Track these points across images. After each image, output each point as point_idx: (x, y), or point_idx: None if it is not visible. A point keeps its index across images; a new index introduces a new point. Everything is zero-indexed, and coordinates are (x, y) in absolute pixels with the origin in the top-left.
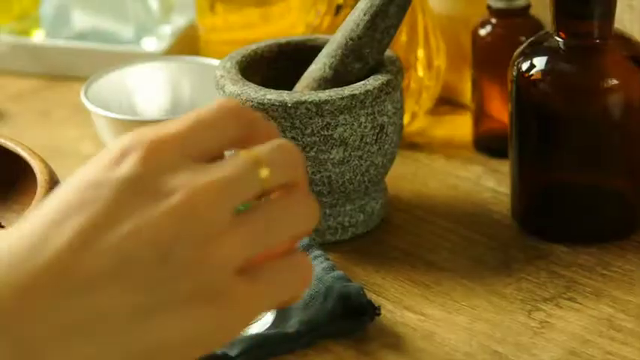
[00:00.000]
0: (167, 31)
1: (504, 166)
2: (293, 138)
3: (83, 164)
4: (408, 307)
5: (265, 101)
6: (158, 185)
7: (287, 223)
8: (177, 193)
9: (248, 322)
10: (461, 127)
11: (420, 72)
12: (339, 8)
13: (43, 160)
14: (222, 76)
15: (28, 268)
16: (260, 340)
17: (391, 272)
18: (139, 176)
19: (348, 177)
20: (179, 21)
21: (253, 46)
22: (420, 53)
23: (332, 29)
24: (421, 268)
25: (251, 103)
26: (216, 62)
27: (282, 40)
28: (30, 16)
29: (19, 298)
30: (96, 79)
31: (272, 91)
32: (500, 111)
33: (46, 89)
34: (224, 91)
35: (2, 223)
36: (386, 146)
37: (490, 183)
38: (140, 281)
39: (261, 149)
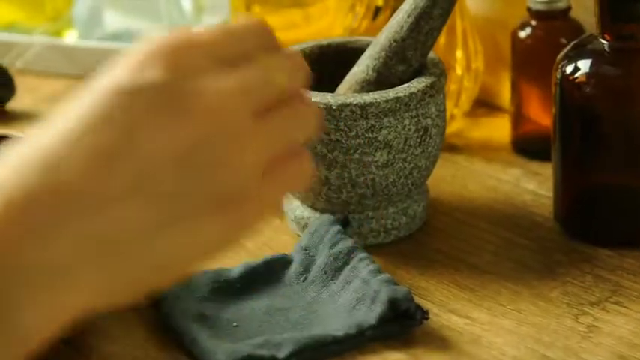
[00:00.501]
0: None
1: (544, 169)
2: (337, 140)
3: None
4: (453, 310)
5: None
6: (185, 90)
7: (299, 126)
8: (202, 97)
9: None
10: (498, 129)
11: (459, 74)
12: (377, 11)
13: None
14: None
15: (38, 185)
16: (308, 342)
17: (435, 275)
18: (167, 83)
19: (391, 180)
20: (210, 21)
21: (295, 48)
22: (459, 55)
23: (370, 32)
24: (465, 271)
25: None
26: None
27: (324, 41)
28: (63, 18)
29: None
30: None
31: (316, 92)
32: (540, 113)
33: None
34: None
35: None
36: (429, 149)
37: (530, 185)
38: (162, 193)
39: (278, 56)
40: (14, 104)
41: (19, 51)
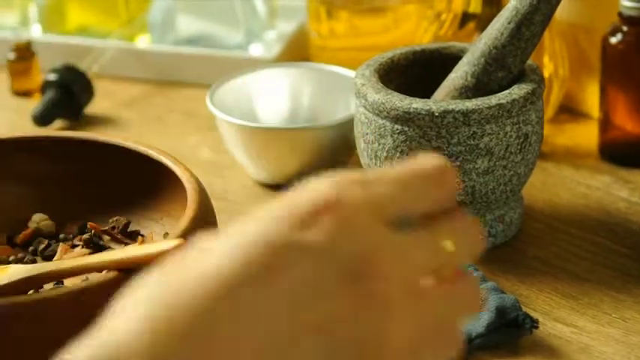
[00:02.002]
0: (272, 36)
1: (634, 176)
2: (438, 147)
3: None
4: (557, 318)
5: (411, 110)
6: (351, 255)
7: (460, 308)
8: (373, 281)
9: None
10: (583, 135)
11: (547, 79)
12: (465, 18)
13: (187, 169)
14: (363, 85)
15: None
16: None
17: (535, 283)
18: (335, 246)
19: (491, 187)
20: (283, 26)
21: (389, 54)
22: (546, 60)
23: (456, 39)
24: (565, 279)
25: (396, 112)
26: (336, 69)
27: (417, 47)
28: (136, 22)
29: None
30: (219, 85)
31: (417, 99)
32: (629, 120)
33: (156, 95)
34: (366, 100)
35: (141, 232)
36: (529, 156)
37: (623, 193)
38: None
39: (456, 221)
40: (92, 108)
41: (95, 55)
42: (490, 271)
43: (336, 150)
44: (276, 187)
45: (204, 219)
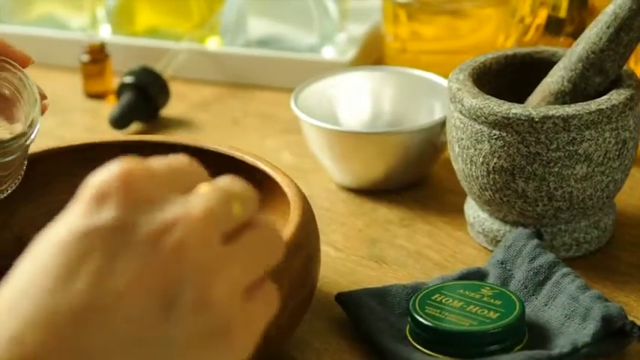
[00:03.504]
0: (343, 38)
1: None
2: (537, 153)
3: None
4: None
5: (510, 115)
6: (145, 227)
7: (267, 249)
8: (165, 234)
9: (256, 340)
10: None
11: None
12: (550, 22)
13: (286, 174)
14: (459, 89)
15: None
16: None
17: (634, 290)
18: (124, 221)
19: (589, 193)
20: (352, 29)
21: (481, 58)
22: (632, 64)
23: (542, 43)
24: None
25: (494, 117)
26: (419, 72)
27: (509, 51)
28: (208, 24)
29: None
30: (302, 88)
31: (516, 104)
32: None
33: (230, 97)
34: (462, 104)
35: None
36: (626, 162)
37: None
38: (144, 339)
39: (230, 185)
40: (167, 111)
41: (169, 57)
42: (587, 279)
43: (422, 154)
44: (361, 191)
45: (309, 223)
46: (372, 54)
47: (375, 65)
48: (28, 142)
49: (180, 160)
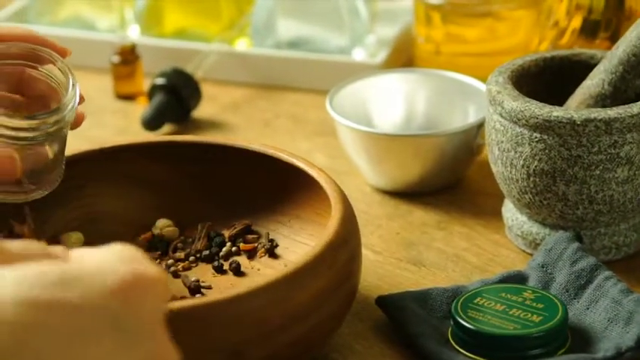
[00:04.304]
0: (372, 40)
1: None
2: (578, 156)
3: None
4: None
5: (552, 118)
6: None
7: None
8: None
9: None
10: None
11: None
12: (586, 25)
13: (323, 171)
14: (498, 92)
15: None
16: None
17: None
18: None
19: (629, 196)
20: (381, 30)
21: (519, 60)
22: None
23: (577, 46)
24: None
25: (535, 120)
26: (453, 75)
27: (548, 54)
28: (237, 25)
29: None
30: (337, 90)
31: (557, 107)
32: None
33: (260, 99)
34: (502, 107)
35: (270, 236)
36: None
37: None
38: None
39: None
40: (197, 112)
41: (200, 58)
42: (626, 282)
43: (457, 157)
44: (396, 194)
45: (350, 220)
46: (402, 56)
47: (406, 67)
48: (67, 114)
49: None
